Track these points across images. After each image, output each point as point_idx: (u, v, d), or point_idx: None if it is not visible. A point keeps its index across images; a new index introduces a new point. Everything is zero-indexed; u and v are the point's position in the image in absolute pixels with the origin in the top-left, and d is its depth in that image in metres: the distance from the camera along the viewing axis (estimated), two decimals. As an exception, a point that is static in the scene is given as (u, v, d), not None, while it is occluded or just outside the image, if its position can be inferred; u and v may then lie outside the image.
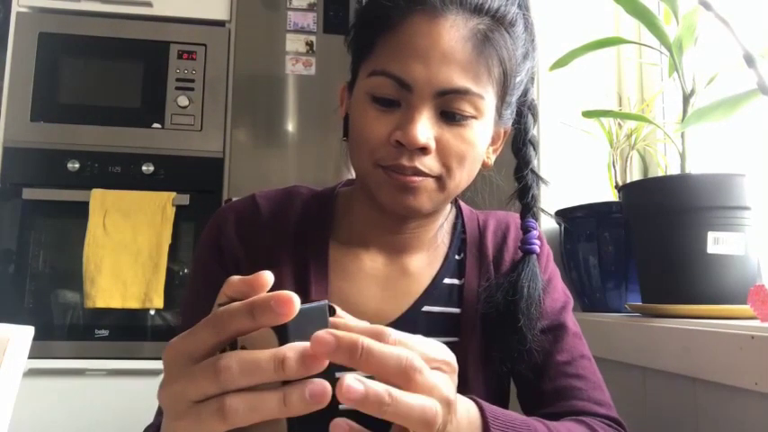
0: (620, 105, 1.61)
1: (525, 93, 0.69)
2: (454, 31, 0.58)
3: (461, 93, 0.58)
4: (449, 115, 0.59)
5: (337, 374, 0.35)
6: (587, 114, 1.17)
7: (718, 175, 0.94)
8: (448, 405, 0.40)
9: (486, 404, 0.49)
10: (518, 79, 0.64)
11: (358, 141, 0.62)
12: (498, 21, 0.60)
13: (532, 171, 0.71)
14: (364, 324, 0.39)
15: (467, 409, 0.47)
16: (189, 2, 1.81)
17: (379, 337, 0.37)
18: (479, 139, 0.62)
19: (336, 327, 0.38)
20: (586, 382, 0.68)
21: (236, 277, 0.38)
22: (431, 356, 0.40)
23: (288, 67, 1.77)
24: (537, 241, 0.70)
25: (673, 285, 0.96)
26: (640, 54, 1.63)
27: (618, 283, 1.27)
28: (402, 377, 0.36)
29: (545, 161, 1.52)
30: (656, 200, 0.99)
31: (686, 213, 0.94)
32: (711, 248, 0.92)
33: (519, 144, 0.71)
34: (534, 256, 0.69)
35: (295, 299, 0.34)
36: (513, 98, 0.66)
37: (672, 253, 0.96)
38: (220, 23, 1.84)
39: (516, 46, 0.62)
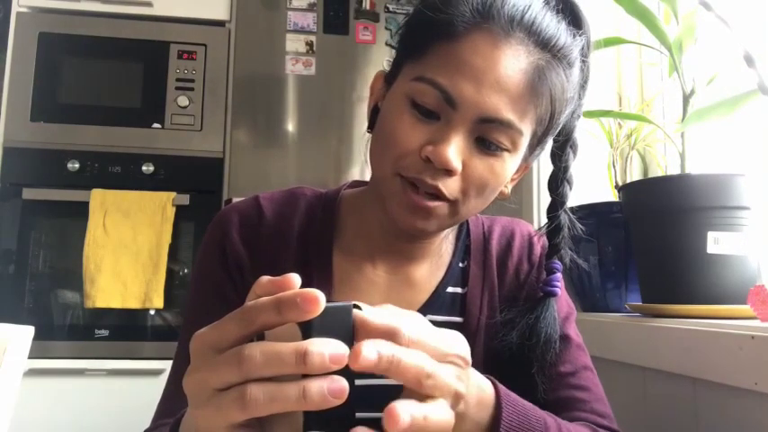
0: (620, 105, 1.61)
1: (570, 131, 0.67)
2: (514, 61, 0.55)
3: (504, 125, 0.56)
4: (484, 143, 0.57)
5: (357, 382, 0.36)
6: (587, 114, 1.17)
7: (718, 175, 0.94)
8: (457, 397, 0.42)
9: (502, 387, 0.49)
10: (560, 120, 0.62)
11: (385, 144, 0.59)
12: (559, 60, 0.58)
13: (566, 211, 0.68)
14: (382, 322, 0.39)
15: (479, 386, 0.47)
16: (189, 2, 1.82)
17: (393, 336, 0.39)
18: (506, 173, 0.60)
19: (354, 324, 0.39)
20: (590, 393, 0.68)
21: (265, 278, 0.39)
22: (444, 352, 0.41)
23: (288, 67, 1.77)
24: (559, 283, 0.68)
25: (673, 285, 0.96)
26: (640, 54, 1.62)
27: (618, 283, 1.27)
28: (415, 383, 0.39)
29: (545, 161, 1.52)
30: (656, 200, 0.99)
31: (686, 213, 0.94)
32: (711, 248, 0.92)
33: (557, 182, 0.68)
34: (554, 298, 0.68)
35: (321, 297, 0.35)
36: (549, 138, 0.64)
37: (672, 253, 0.96)
38: (220, 23, 1.84)
39: (568, 88, 0.60)
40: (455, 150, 0.56)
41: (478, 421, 0.47)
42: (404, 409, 0.37)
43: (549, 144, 0.68)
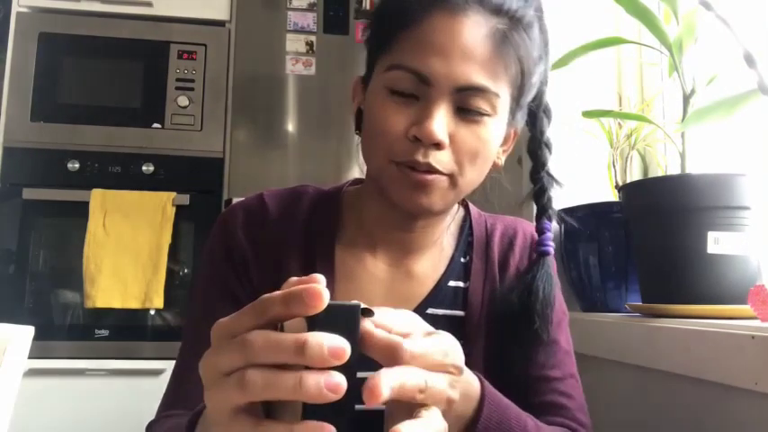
0: (620, 105, 1.61)
1: (540, 95, 0.70)
2: (474, 30, 0.59)
3: (479, 90, 0.59)
4: (465, 112, 0.60)
5: (359, 374, 0.37)
6: (587, 114, 1.17)
7: (719, 175, 0.94)
8: (449, 403, 0.44)
9: (488, 385, 0.51)
10: (532, 80, 0.65)
11: (374, 135, 0.62)
12: (516, 21, 0.61)
13: (548, 173, 0.71)
14: (386, 338, 0.41)
15: (467, 380, 0.49)
16: (189, 2, 1.81)
17: (395, 352, 0.40)
18: (493, 138, 0.62)
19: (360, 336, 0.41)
20: (573, 401, 0.69)
21: (294, 279, 0.41)
22: (441, 362, 0.43)
23: (288, 67, 1.77)
24: (552, 243, 0.70)
25: (673, 285, 0.96)
26: (640, 54, 1.62)
27: (618, 283, 1.27)
28: (411, 398, 0.41)
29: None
30: (656, 200, 0.99)
31: (686, 213, 0.94)
32: (711, 248, 0.92)
33: (535, 146, 0.72)
34: (550, 257, 0.70)
35: (324, 293, 0.36)
36: (527, 99, 0.67)
37: (672, 253, 0.96)
38: (220, 23, 1.84)
39: (533, 47, 0.63)
40: (439, 124, 0.58)
41: (462, 413, 0.48)
42: (406, 429, 0.39)
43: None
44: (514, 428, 0.53)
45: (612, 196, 1.39)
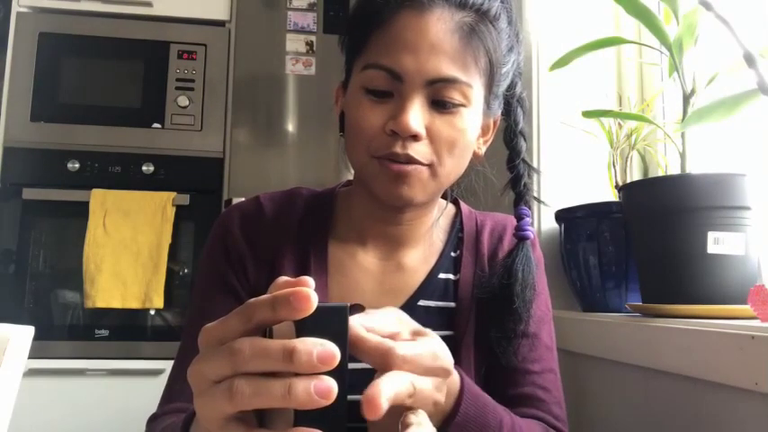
0: (620, 105, 1.61)
1: (514, 86, 0.72)
2: (441, 24, 0.61)
3: (450, 81, 0.61)
4: (439, 104, 0.62)
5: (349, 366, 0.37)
6: (587, 114, 1.17)
7: (719, 175, 0.94)
8: (435, 405, 0.46)
9: (467, 379, 0.53)
10: (504, 70, 0.67)
11: (354, 133, 0.65)
12: (483, 14, 0.63)
13: (523, 161, 0.74)
14: (378, 342, 0.42)
15: (452, 379, 0.50)
16: (189, 2, 1.81)
17: (387, 355, 0.41)
18: (469, 127, 0.64)
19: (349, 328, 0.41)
20: (550, 395, 0.71)
21: (282, 278, 0.40)
22: (430, 366, 0.44)
23: (288, 67, 1.77)
24: (531, 228, 0.72)
25: (673, 285, 0.96)
26: (640, 54, 1.62)
27: (618, 283, 1.27)
28: (399, 403, 0.42)
29: (545, 161, 1.52)
30: (656, 200, 0.99)
31: (686, 213, 0.94)
32: (711, 248, 0.92)
33: (510, 136, 0.74)
34: (528, 242, 0.72)
35: (312, 296, 0.36)
36: (500, 89, 0.69)
37: (672, 253, 0.96)
38: (220, 23, 1.84)
39: (501, 38, 0.65)
40: (415, 116, 0.61)
41: (443, 408, 0.50)
42: None
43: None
44: (490, 422, 0.54)
45: (612, 196, 1.39)
